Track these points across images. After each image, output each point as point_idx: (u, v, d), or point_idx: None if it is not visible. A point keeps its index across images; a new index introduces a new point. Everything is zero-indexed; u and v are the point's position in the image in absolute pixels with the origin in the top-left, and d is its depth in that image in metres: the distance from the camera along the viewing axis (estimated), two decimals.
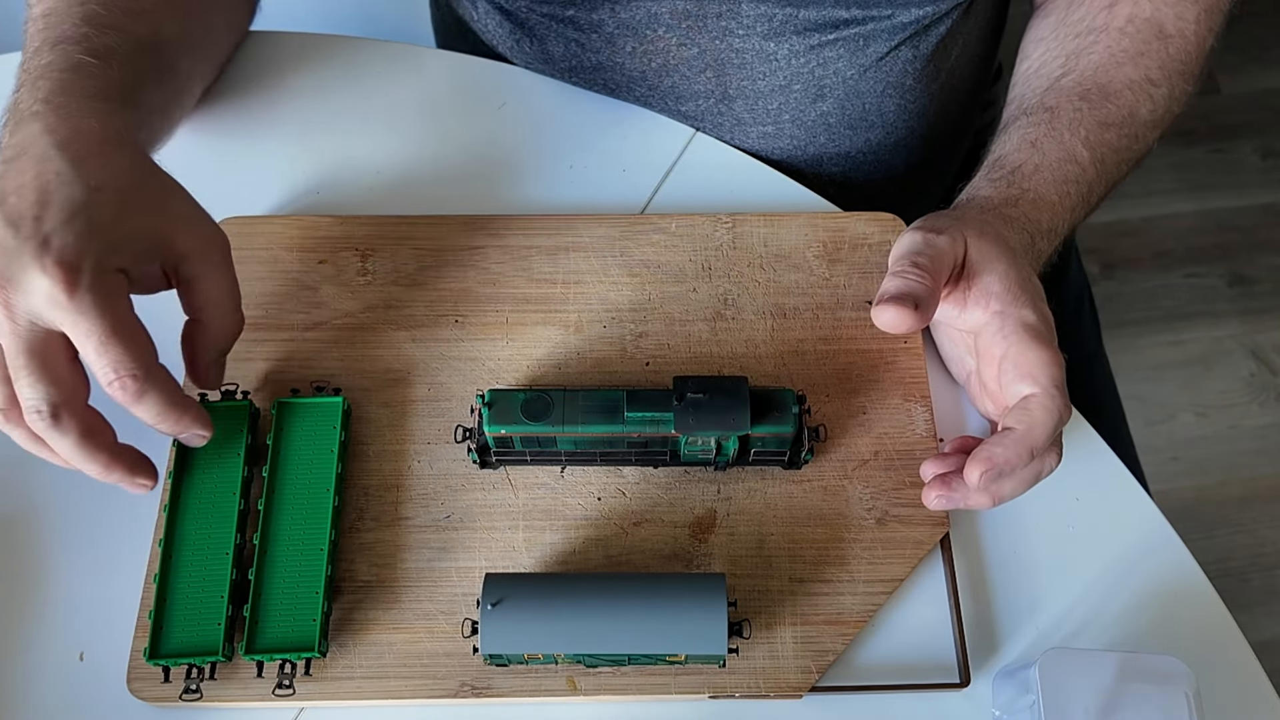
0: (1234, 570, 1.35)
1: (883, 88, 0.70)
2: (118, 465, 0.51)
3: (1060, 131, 0.62)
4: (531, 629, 0.50)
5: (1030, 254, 0.58)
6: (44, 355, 0.48)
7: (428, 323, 0.62)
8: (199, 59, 0.66)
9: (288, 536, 0.55)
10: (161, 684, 0.53)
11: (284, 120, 0.70)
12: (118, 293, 0.49)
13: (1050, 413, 0.52)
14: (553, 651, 0.50)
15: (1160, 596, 0.57)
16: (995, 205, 0.59)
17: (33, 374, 0.48)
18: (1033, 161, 0.61)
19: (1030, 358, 0.52)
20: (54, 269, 0.47)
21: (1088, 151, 0.62)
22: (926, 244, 0.53)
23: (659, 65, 0.70)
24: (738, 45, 0.68)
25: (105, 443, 0.51)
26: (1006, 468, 0.52)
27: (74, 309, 0.47)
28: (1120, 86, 0.64)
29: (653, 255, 0.64)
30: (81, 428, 0.49)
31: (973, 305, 0.55)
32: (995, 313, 0.54)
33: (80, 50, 0.55)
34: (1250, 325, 1.51)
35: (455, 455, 0.58)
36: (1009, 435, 0.52)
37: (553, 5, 0.69)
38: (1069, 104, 0.63)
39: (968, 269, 0.55)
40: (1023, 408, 0.52)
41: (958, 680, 0.54)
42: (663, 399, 0.54)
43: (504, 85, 0.72)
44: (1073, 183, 0.61)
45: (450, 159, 0.69)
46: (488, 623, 0.50)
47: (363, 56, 0.73)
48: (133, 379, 0.48)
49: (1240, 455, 1.42)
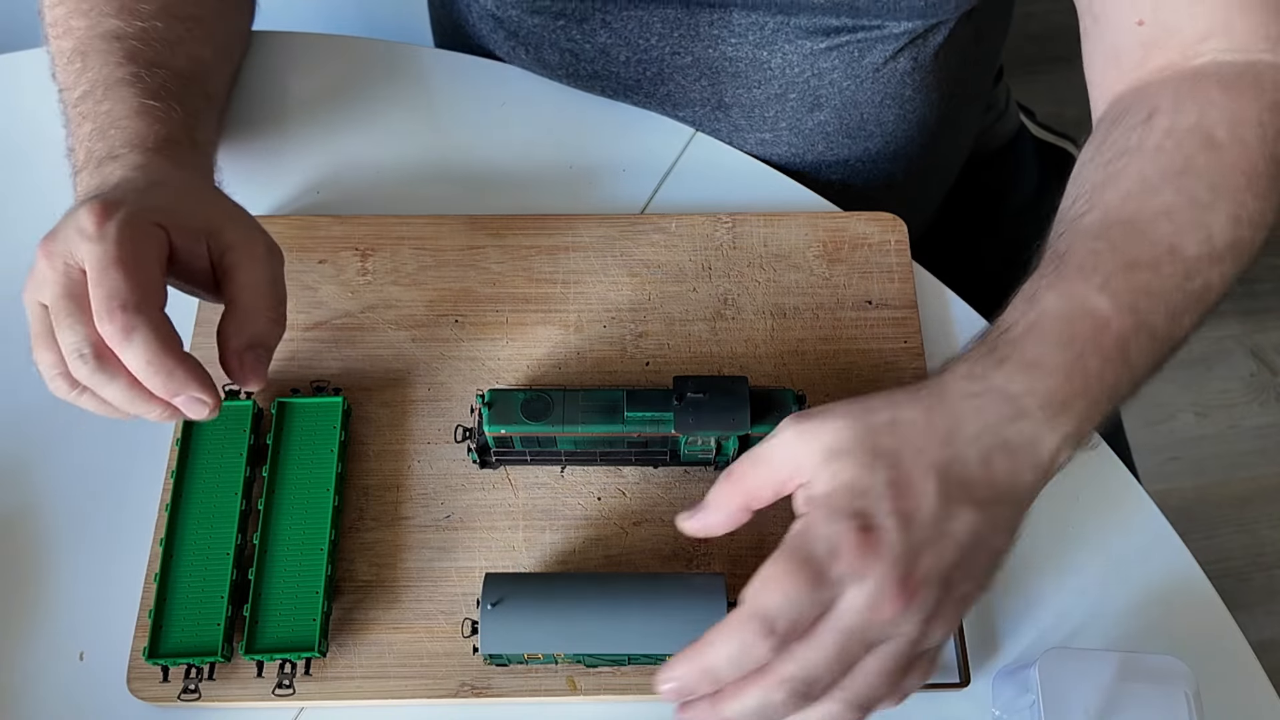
0: (1234, 570, 1.35)
1: (881, 98, 0.69)
2: (170, 406, 0.48)
3: (1068, 281, 0.49)
4: (531, 629, 0.50)
5: (1014, 433, 0.46)
6: (81, 295, 0.47)
7: (428, 323, 0.62)
8: (228, 76, 0.67)
9: (288, 536, 0.55)
10: (161, 684, 0.53)
11: (284, 120, 0.70)
12: (145, 235, 0.48)
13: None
14: (553, 651, 0.50)
15: (1160, 596, 0.56)
16: (955, 381, 0.47)
17: (71, 314, 0.46)
18: (1026, 321, 0.48)
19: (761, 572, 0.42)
20: (92, 205, 0.47)
21: (1108, 299, 0.48)
22: (748, 464, 0.47)
23: (654, 74, 0.70)
24: (730, 54, 0.68)
25: (161, 379, 0.47)
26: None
27: (96, 236, 0.46)
28: (1153, 217, 0.51)
29: (652, 255, 0.64)
30: (127, 371, 0.47)
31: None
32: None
33: (138, 93, 0.56)
34: (1250, 325, 1.51)
35: (455, 455, 0.58)
36: None
37: (545, 15, 0.68)
38: (1082, 246, 0.51)
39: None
40: None
41: (957, 680, 0.54)
42: (662, 399, 0.54)
43: (504, 85, 0.72)
44: (1089, 340, 0.48)
45: (450, 159, 0.69)
46: (488, 622, 0.50)
47: (363, 56, 0.73)
48: (122, 309, 0.45)
49: (1240, 455, 1.42)
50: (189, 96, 0.58)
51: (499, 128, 0.70)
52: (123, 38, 0.58)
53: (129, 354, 0.46)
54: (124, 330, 0.45)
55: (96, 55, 0.57)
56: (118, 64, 0.57)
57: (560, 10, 0.67)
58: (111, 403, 0.48)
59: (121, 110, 0.55)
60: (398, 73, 0.72)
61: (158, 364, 0.46)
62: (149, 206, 0.49)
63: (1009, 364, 0.47)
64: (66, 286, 0.47)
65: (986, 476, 0.45)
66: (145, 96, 0.56)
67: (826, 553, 0.42)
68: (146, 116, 0.55)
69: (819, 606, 0.42)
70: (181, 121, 0.56)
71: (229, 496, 0.55)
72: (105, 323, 0.46)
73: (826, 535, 0.42)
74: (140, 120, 0.55)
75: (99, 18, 0.59)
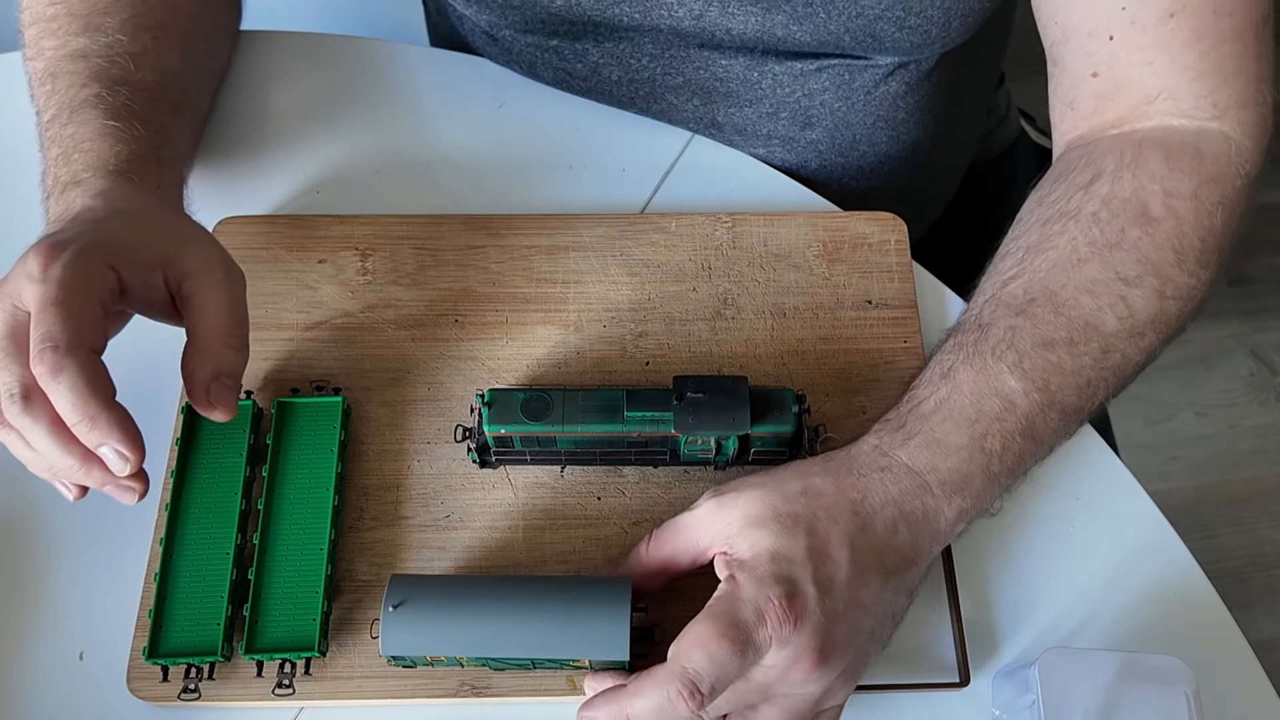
0: (1234, 570, 1.35)
1: (873, 120, 0.69)
2: (94, 462, 0.47)
3: (983, 357, 0.52)
4: (433, 631, 0.49)
5: (916, 506, 0.50)
6: (22, 338, 0.47)
7: (428, 322, 0.62)
8: (205, 80, 0.67)
9: (288, 536, 0.55)
10: (161, 683, 0.53)
11: (284, 120, 0.70)
12: (89, 276, 0.47)
13: None
14: (455, 655, 0.50)
15: (1160, 596, 0.56)
16: (864, 454, 0.51)
17: (8, 355, 0.46)
18: (937, 397, 0.52)
19: (688, 633, 0.45)
20: (40, 247, 0.47)
21: (1020, 383, 0.51)
22: (664, 533, 0.51)
23: (646, 93, 0.70)
24: (721, 74, 0.68)
25: (85, 425, 0.46)
26: None
27: (39, 279, 0.46)
28: (1075, 292, 0.53)
29: (652, 255, 0.64)
30: (54, 415, 0.46)
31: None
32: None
33: (100, 115, 0.55)
34: (1250, 325, 1.51)
35: (455, 455, 0.58)
36: None
37: (538, 35, 0.68)
38: (1002, 321, 0.53)
39: None
40: None
41: (957, 680, 0.54)
42: (662, 399, 0.54)
43: (503, 85, 0.72)
44: (994, 420, 0.51)
45: (450, 159, 0.69)
46: (389, 624, 0.49)
47: (363, 56, 0.73)
48: (53, 350, 0.45)
49: (1240, 455, 1.42)
50: (155, 111, 0.58)
51: (499, 127, 0.70)
52: (89, 56, 0.58)
53: (55, 394, 0.45)
54: (52, 371, 0.45)
55: (64, 76, 0.57)
56: (82, 84, 0.57)
57: (553, 30, 0.67)
58: (36, 448, 0.47)
59: (84, 133, 0.55)
60: (397, 73, 0.72)
61: (81, 408, 0.45)
62: (100, 243, 0.49)
63: (915, 440, 0.51)
64: (10, 327, 0.47)
65: (892, 544, 0.49)
66: (107, 118, 0.55)
67: (753, 617, 0.45)
68: (109, 138, 0.55)
69: (742, 670, 0.45)
70: (145, 139, 0.56)
71: (229, 496, 0.55)
72: (36, 363, 0.45)
73: (753, 600, 0.45)
74: (103, 142, 0.54)
75: (66, 37, 0.59)
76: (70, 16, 0.60)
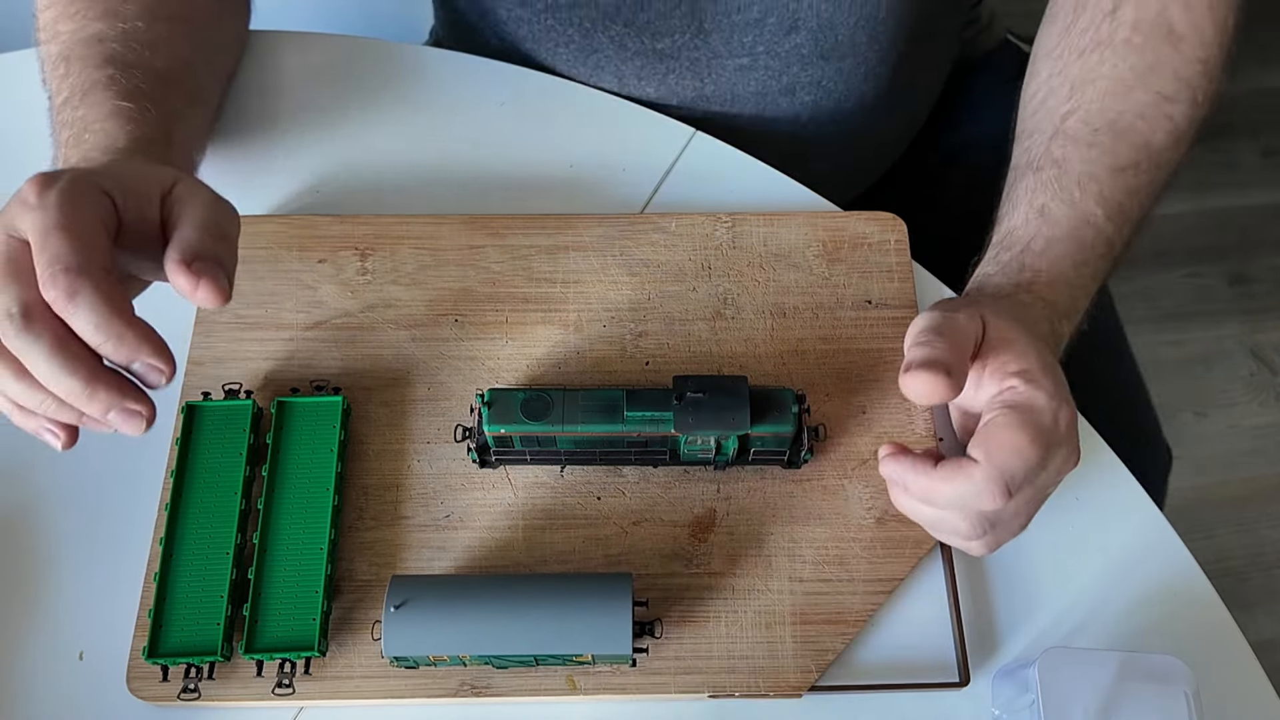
0: (1234, 570, 1.35)
1: (855, 19, 0.70)
2: (100, 384, 0.45)
3: (1070, 191, 0.58)
4: (436, 631, 0.50)
5: (1051, 340, 0.54)
6: (19, 261, 0.45)
7: (428, 322, 0.62)
8: (217, 76, 0.67)
9: (287, 536, 0.55)
10: (160, 683, 0.53)
11: (284, 120, 0.70)
12: (88, 199, 0.46)
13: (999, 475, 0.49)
14: (457, 654, 0.50)
15: (1160, 596, 0.57)
16: (1007, 293, 0.55)
17: (6, 277, 0.45)
18: (1043, 235, 0.57)
19: (1005, 438, 0.49)
20: (33, 178, 0.46)
21: (1102, 209, 0.58)
22: (946, 320, 0.50)
23: (634, 0, 0.69)
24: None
25: (84, 355, 0.45)
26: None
27: (37, 205, 0.45)
28: (1132, 118, 0.60)
29: (652, 255, 0.64)
30: (56, 334, 0.44)
31: (988, 382, 0.51)
32: (1009, 388, 0.51)
33: (113, 95, 0.55)
34: (1250, 325, 1.51)
35: (455, 455, 0.58)
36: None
37: None
38: (1077, 154, 0.59)
39: (985, 347, 0.51)
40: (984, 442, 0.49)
41: (957, 680, 0.54)
42: (662, 398, 0.54)
43: (504, 84, 0.72)
44: (1089, 248, 0.57)
45: (450, 159, 0.69)
46: (391, 625, 0.50)
47: (363, 56, 0.73)
48: (65, 272, 0.43)
49: (1240, 455, 1.42)
50: (167, 96, 0.57)
51: (499, 127, 0.70)
52: (105, 40, 0.58)
53: (76, 318, 0.44)
54: (68, 293, 0.44)
55: (78, 60, 0.57)
56: (96, 67, 0.56)
57: None
58: (36, 372, 0.45)
59: (95, 115, 0.54)
60: (398, 72, 0.72)
61: (106, 327, 0.44)
62: (94, 172, 0.48)
63: (1040, 280, 0.56)
64: (5, 254, 0.45)
65: None
66: (119, 98, 0.55)
67: (1052, 425, 0.49)
68: (119, 118, 0.54)
69: (1041, 470, 0.50)
70: (157, 121, 0.55)
71: (229, 496, 0.55)
72: (49, 288, 0.44)
73: (1052, 410, 0.50)
74: (113, 122, 0.54)
75: (84, 21, 0.59)
76: (88, 1, 0.59)
